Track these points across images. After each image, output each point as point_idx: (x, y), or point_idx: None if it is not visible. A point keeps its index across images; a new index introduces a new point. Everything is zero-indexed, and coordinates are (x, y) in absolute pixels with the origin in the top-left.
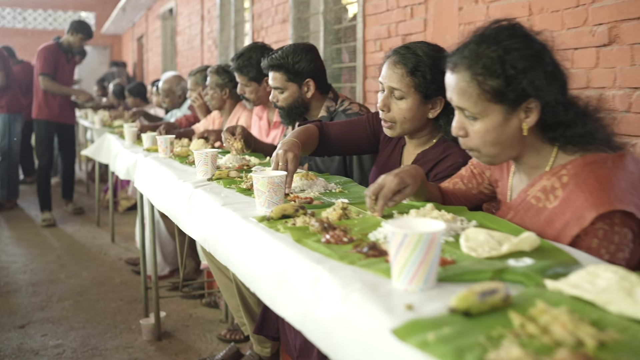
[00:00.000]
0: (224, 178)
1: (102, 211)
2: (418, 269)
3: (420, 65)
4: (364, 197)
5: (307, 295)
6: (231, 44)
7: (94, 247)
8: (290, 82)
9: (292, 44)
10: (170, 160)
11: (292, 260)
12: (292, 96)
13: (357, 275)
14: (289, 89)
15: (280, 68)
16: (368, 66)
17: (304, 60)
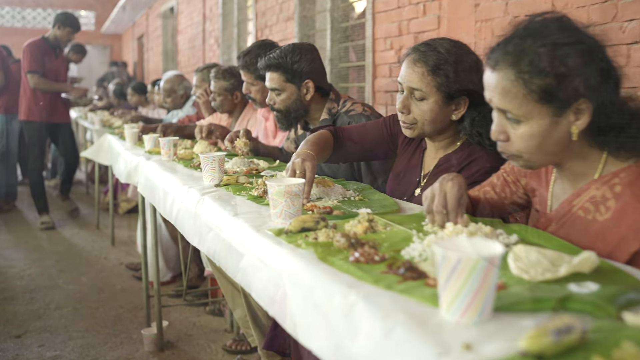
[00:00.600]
0: (232, 184)
1: (101, 213)
2: (473, 298)
3: (442, 63)
4: (393, 210)
5: (339, 326)
6: (234, 43)
7: (94, 251)
8: (289, 83)
9: (291, 43)
10: (174, 163)
11: (319, 283)
12: (290, 98)
13: (398, 303)
14: (287, 90)
15: (278, 68)
16: (378, 65)
17: (303, 60)
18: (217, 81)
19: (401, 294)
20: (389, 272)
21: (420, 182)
